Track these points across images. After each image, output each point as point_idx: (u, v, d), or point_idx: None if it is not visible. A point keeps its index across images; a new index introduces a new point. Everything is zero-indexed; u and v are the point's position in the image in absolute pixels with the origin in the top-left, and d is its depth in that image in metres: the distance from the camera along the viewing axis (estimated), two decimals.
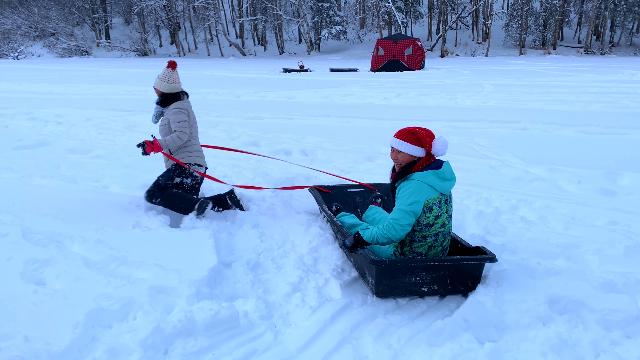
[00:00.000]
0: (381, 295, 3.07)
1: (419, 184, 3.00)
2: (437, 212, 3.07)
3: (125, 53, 47.96)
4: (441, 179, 3.05)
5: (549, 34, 40.29)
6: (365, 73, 23.80)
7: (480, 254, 3.12)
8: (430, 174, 3.02)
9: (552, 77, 18.34)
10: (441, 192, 3.07)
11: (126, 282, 3.07)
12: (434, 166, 3.07)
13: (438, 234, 3.13)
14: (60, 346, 2.42)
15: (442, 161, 3.14)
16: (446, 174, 3.08)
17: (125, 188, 5.10)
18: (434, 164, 3.10)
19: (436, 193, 3.05)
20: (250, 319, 2.82)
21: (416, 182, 3.01)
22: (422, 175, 3.03)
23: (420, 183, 3.01)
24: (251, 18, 46.11)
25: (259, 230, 4.11)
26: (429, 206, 3.04)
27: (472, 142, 7.45)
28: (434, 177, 3.02)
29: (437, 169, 3.04)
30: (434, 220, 3.07)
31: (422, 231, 3.10)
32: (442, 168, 3.06)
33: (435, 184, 3.03)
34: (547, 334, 2.65)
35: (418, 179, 3.02)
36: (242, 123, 9.34)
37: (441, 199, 3.09)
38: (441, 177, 3.05)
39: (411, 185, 3.02)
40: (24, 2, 53.56)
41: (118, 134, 8.50)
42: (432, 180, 3.02)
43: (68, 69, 28.32)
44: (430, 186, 3.02)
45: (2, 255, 3.34)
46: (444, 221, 3.12)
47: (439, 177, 3.04)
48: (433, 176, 3.02)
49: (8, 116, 10.38)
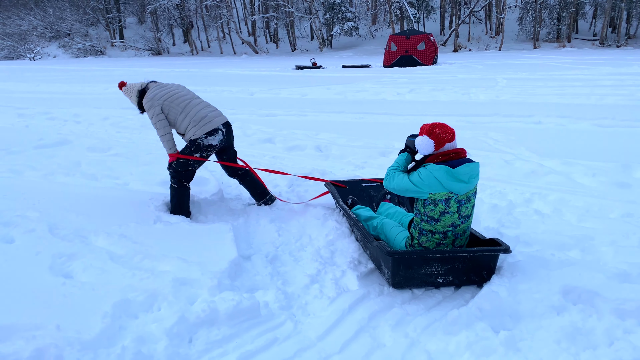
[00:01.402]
0: (397, 286, 3.15)
1: (428, 174, 3.04)
2: (443, 209, 3.09)
3: (139, 52, 48.40)
4: (454, 178, 3.02)
5: (564, 27, 39.80)
6: (378, 69, 23.78)
7: (494, 245, 3.17)
8: (442, 169, 3.02)
9: (567, 70, 18.18)
10: (450, 190, 3.04)
11: (150, 275, 3.18)
12: (451, 164, 3.05)
13: (447, 232, 3.16)
14: (91, 334, 2.53)
15: (464, 161, 3.09)
16: (462, 175, 3.02)
17: (145, 184, 5.22)
18: (451, 162, 3.06)
19: (443, 190, 3.04)
20: (270, 309, 2.92)
21: (427, 172, 3.05)
22: (435, 167, 3.04)
23: (429, 174, 3.04)
24: (263, 15, 46.20)
25: (277, 224, 4.21)
26: (434, 199, 3.07)
27: (486, 136, 7.47)
28: (444, 173, 3.01)
29: (451, 168, 3.01)
30: (439, 216, 3.10)
31: (429, 224, 3.15)
32: (457, 169, 3.01)
33: (444, 181, 3.01)
34: (561, 323, 2.71)
35: (430, 169, 3.05)
36: (256, 120, 9.44)
37: (450, 197, 3.06)
38: (454, 177, 3.02)
39: (423, 172, 3.07)
40: (39, 3, 54.28)
41: (135, 132, 8.65)
42: (442, 175, 3.01)
43: (83, 69, 28.69)
44: (438, 180, 3.01)
45: (30, 250, 3.46)
46: (454, 221, 3.13)
47: (451, 176, 3.01)
48: (444, 172, 3.01)
49: (28, 116, 10.60)
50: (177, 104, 4.19)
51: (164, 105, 4.17)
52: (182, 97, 4.24)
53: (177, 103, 4.19)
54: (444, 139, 3.10)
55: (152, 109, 4.16)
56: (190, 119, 4.18)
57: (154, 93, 4.21)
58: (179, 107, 4.19)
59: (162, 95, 4.20)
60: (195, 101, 4.28)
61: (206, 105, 4.31)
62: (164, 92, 4.23)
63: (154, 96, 4.19)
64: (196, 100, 4.30)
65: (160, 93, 4.21)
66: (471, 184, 3.09)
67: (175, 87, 4.34)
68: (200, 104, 4.29)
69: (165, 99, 4.18)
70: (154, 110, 4.15)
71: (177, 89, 4.32)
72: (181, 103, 4.20)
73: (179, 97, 4.23)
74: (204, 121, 4.18)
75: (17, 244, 3.57)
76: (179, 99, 4.21)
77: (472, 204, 3.19)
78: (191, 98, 4.28)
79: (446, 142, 3.11)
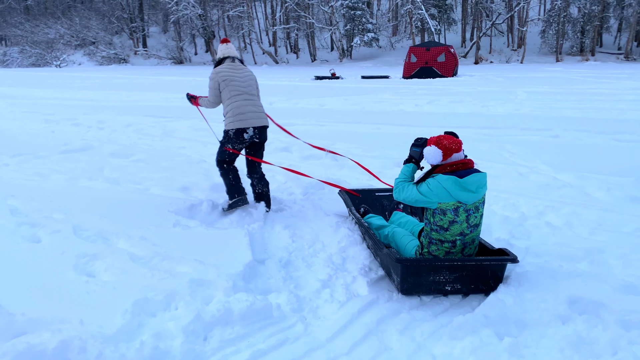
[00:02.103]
0: (406, 293, 3.24)
1: (437, 184, 3.14)
2: (452, 218, 3.17)
3: (161, 61, 49.34)
4: (462, 188, 3.11)
5: (587, 40, 39.47)
6: (397, 80, 23.89)
7: (503, 255, 3.25)
8: (450, 180, 3.11)
9: (589, 84, 18.06)
10: (458, 200, 3.12)
11: (168, 275, 3.32)
12: (459, 174, 3.13)
13: (455, 241, 3.24)
14: (112, 329, 2.67)
15: (473, 171, 3.18)
16: (469, 185, 3.11)
17: (165, 190, 5.39)
18: (459, 172, 3.15)
19: (452, 199, 3.13)
20: (282, 311, 3.03)
21: (435, 182, 3.15)
22: (443, 178, 3.13)
23: (438, 184, 3.14)
24: (284, 26, 46.78)
25: (291, 230, 4.33)
26: (443, 209, 3.16)
27: (502, 149, 7.50)
28: (452, 184, 3.10)
29: (460, 178, 3.10)
30: (449, 225, 3.19)
31: (438, 233, 3.24)
32: (464, 179, 3.10)
33: (453, 191, 3.10)
34: (565, 332, 2.76)
35: (439, 180, 3.15)
36: (274, 129, 9.57)
37: (458, 206, 3.15)
38: (462, 187, 3.11)
39: (432, 182, 3.17)
40: (66, 12, 55.76)
41: (157, 139, 8.88)
42: (450, 186, 3.10)
43: (107, 77, 29.36)
44: (447, 190, 3.11)
45: (56, 250, 3.64)
46: (462, 230, 3.21)
47: (459, 186, 3.10)
48: (452, 183, 3.10)
49: (54, 122, 10.94)
50: (230, 89, 4.53)
51: (221, 83, 4.54)
52: (237, 87, 4.55)
53: (230, 89, 4.53)
54: (451, 149, 3.20)
55: (212, 80, 4.62)
56: (231, 109, 4.52)
57: (221, 69, 4.59)
58: (229, 93, 4.53)
59: (224, 75, 4.56)
60: (245, 96, 4.56)
61: (251, 104, 4.59)
62: (229, 73, 4.57)
63: (219, 72, 4.58)
64: (246, 95, 4.58)
65: (224, 72, 4.56)
66: (479, 193, 3.17)
67: (240, 74, 4.63)
68: (247, 100, 4.57)
69: (224, 79, 4.54)
70: (212, 82, 4.62)
71: (240, 77, 4.61)
72: (233, 90, 4.53)
73: (235, 85, 4.54)
74: (239, 117, 4.50)
75: (44, 244, 3.76)
76: (234, 87, 4.53)
77: (480, 213, 3.27)
78: (243, 92, 4.56)
79: (453, 152, 3.21)
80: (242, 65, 4.79)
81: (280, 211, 4.89)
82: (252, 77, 4.76)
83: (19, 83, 24.53)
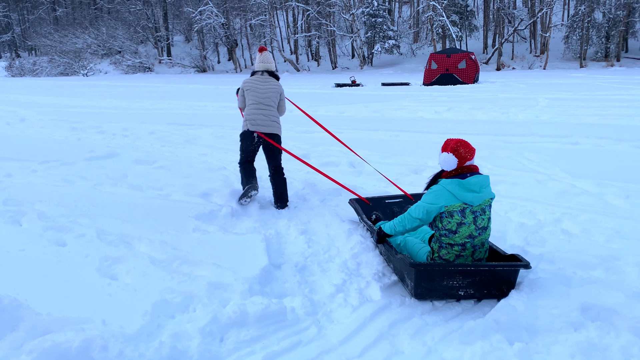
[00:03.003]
0: (420, 297, 3.29)
1: (441, 188, 3.27)
2: (459, 220, 3.27)
3: (185, 69, 50.11)
4: (466, 189, 3.23)
5: (612, 46, 38.81)
6: (418, 87, 23.85)
7: (515, 261, 3.28)
8: (453, 183, 3.24)
9: (613, 90, 17.78)
10: (464, 201, 3.23)
11: (187, 279, 3.43)
12: (461, 176, 3.27)
13: (465, 243, 3.33)
14: (132, 329, 2.79)
15: (474, 173, 3.30)
16: (473, 185, 3.23)
17: (186, 195, 5.52)
18: (462, 174, 3.28)
19: (457, 201, 3.24)
20: (296, 314, 3.11)
21: (439, 187, 3.29)
22: (447, 182, 3.27)
23: (442, 188, 3.27)
24: (305, 34, 47.12)
25: (307, 236, 4.42)
26: (450, 211, 3.26)
27: (520, 156, 7.47)
28: (456, 186, 3.23)
29: (462, 179, 3.24)
30: (457, 228, 3.28)
31: (447, 237, 3.33)
32: (466, 179, 3.24)
33: (457, 192, 3.22)
34: (577, 339, 2.77)
35: (442, 184, 3.28)
36: (293, 137, 9.71)
37: (465, 208, 3.25)
38: (466, 188, 3.23)
39: (435, 188, 3.31)
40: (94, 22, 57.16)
41: (179, 146, 9.07)
42: (454, 189, 3.22)
43: (132, 85, 29.97)
44: (451, 193, 3.23)
45: (80, 253, 3.79)
46: (471, 232, 3.30)
47: (463, 187, 3.23)
48: (456, 185, 3.23)
49: (80, 130, 11.25)
50: (249, 97, 5.28)
51: (246, 92, 5.33)
52: (255, 96, 5.25)
53: (250, 97, 5.28)
54: (466, 158, 3.31)
55: (241, 88, 5.43)
56: (246, 114, 5.29)
57: (249, 80, 5.40)
58: (248, 100, 5.28)
59: (248, 85, 5.33)
60: (259, 105, 5.23)
61: (262, 113, 5.21)
62: (253, 84, 5.32)
63: (246, 82, 5.39)
64: (261, 105, 5.23)
65: (249, 83, 5.35)
66: (483, 193, 3.28)
67: (262, 86, 5.30)
68: (259, 109, 5.21)
69: (248, 88, 5.31)
70: (240, 90, 5.44)
71: (261, 88, 5.29)
72: (250, 99, 5.26)
73: (253, 95, 5.25)
74: (248, 122, 5.21)
75: (69, 247, 3.91)
76: (252, 96, 5.25)
77: (487, 216, 3.36)
78: (259, 102, 5.23)
79: (467, 160, 3.32)
80: (270, 77, 5.39)
81: (297, 217, 4.98)
82: (274, 90, 5.32)
83: (48, 92, 25.22)
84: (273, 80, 5.38)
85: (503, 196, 5.61)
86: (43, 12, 68.80)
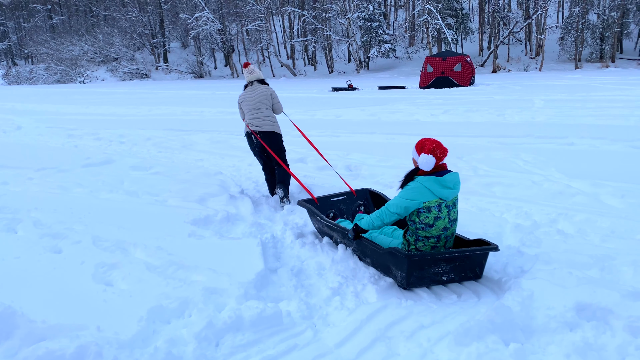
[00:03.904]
0: (411, 286, 3.52)
1: (420, 186, 3.49)
2: (436, 214, 3.52)
3: (182, 75, 50.17)
4: (442, 186, 3.48)
5: (607, 47, 38.96)
6: (414, 90, 23.89)
7: (482, 245, 3.61)
8: (431, 180, 3.47)
9: (608, 91, 17.83)
10: (440, 197, 3.48)
11: (183, 284, 3.43)
12: (437, 174, 3.50)
13: (440, 235, 3.61)
14: (127, 336, 2.78)
15: (448, 171, 3.55)
16: (448, 182, 3.50)
17: (182, 201, 5.52)
18: (438, 172, 3.51)
19: (434, 197, 3.48)
20: (292, 318, 3.10)
21: (418, 184, 3.50)
22: (425, 179, 3.49)
23: (421, 185, 3.48)
24: (302, 39, 47.20)
25: (303, 240, 4.41)
26: (428, 207, 3.50)
27: (516, 157, 7.49)
28: (433, 183, 3.47)
29: (439, 177, 3.48)
30: (434, 221, 3.53)
31: (424, 230, 3.57)
32: (443, 177, 3.48)
33: (434, 189, 3.46)
34: (573, 339, 2.77)
35: (420, 181, 3.50)
36: (290, 140, 9.65)
37: (441, 203, 3.51)
38: (442, 185, 3.48)
39: (414, 185, 3.52)
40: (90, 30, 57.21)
41: (176, 152, 9.07)
42: (432, 185, 3.46)
43: (129, 92, 29.98)
44: (429, 189, 3.46)
45: (76, 259, 3.79)
46: (445, 225, 3.58)
47: (439, 184, 3.47)
48: (433, 182, 3.47)
49: (77, 137, 11.26)
50: (245, 107, 5.98)
51: (241, 104, 6.04)
52: (248, 105, 5.93)
53: (245, 107, 5.98)
54: (441, 158, 3.54)
55: (238, 103, 6.14)
56: (245, 120, 5.93)
57: (241, 94, 6.11)
58: (245, 109, 5.98)
59: (242, 99, 6.05)
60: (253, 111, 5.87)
61: (256, 116, 5.84)
62: (245, 96, 6.02)
63: (240, 96, 6.10)
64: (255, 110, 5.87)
65: (243, 97, 6.05)
66: (456, 189, 3.57)
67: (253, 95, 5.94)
68: (254, 113, 5.85)
69: (242, 101, 6.03)
70: (238, 104, 6.14)
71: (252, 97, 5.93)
72: (246, 108, 5.97)
73: (247, 104, 5.95)
74: (247, 126, 5.86)
75: (65, 254, 3.91)
76: (246, 105, 5.96)
77: (457, 209, 3.68)
78: (253, 108, 5.89)
79: (442, 160, 3.56)
80: (259, 85, 6.02)
81: (293, 221, 4.97)
82: (263, 94, 5.93)
83: (44, 99, 25.22)
84: (261, 86, 6.00)
85: (499, 197, 5.62)
86: (39, 20, 68.89)
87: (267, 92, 5.95)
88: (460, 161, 7.36)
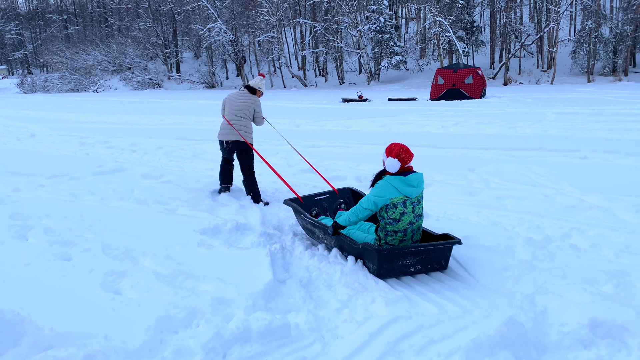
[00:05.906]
0: (382, 277, 3.82)
1: (386, 183, 3.92)
2: (402, 210, 3.94)
3: (194, 85, 50.52)
4: (406, 184, 3.91)
5: (620, 60, 38.71)
6: (424, 102, 23.86)
7: (448, 239, 3.95)
8: (396, 179, 3.92)
9: (621, 104, 17.69)
10: (404, 194, 3.91)
11: (191, 294, 3.41)
12: (403, 174, 3.93)
13: (406, 229, 4.02)
14: (135, 345, 2.76)
15: (413, 172, 3.97)
16: (412, 181, 3.93)
17: (192, 210, 5.52)
18: (404, 173, 3.94)
19: (399, 194, 3.91)
20: (300, 330, 3.07)
21: (385, 182, 3.94)
22: (391, 178, 3.94)
23: (387, 183, 3.92)
24: (313, 50, 47.43)
25: (312, 251, 4.38)
26: (394, 203, 3.93)
27: (528, 170, 7.42)
28: (398, 182, 3.91)
29: (404, 177, 3.91)
30: (400, 217, 3.95)
31: (392, 225, 3.97)
32: (408, 176, 3.92)
33: (399, 187, 3.89)
34: (587, 356, 2.72)
35: (387, 180, 3.94)
36: (300, 151, 9.72)
37: (406, 200, 3.93)
38: (406, 183, 3.91)
39: (381, 183, 3.96)
40: (104, 40, 57.98)
41: (187, 161, 9.10)
42: (397, 184, 3.90)
43: (141, 101, 30.24)
44: (395, 187, 3.89)
45: (85, 267, 3.79)
46: (411, 219, 4.00)
47: (404, 183, 3.91)
48: (398, 181, 3.91)
49: (89, 145, 11.34)
50: (226, 108, 6.32)
51: (225, 103, 6.38)
52: (229, 108, 6.25)
53: (226, 108, 6.32)
54: (406, 162, 3.97)
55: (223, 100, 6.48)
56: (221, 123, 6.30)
57: (229, 94, 6.47)
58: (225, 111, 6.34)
59: (227, 98, 6.41)
60: (230, 116, 6.19)
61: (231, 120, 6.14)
62: (230, 97, 6.38)
63: (227, 95, 6.47)
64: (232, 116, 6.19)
65: (229, 96, 6.42)
66: (419, 188, 3.99)
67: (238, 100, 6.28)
68: (230, 118, 6.16)
69: (224, 103, 6.40)
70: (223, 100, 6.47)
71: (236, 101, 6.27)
72: (226, 110, 6.30)
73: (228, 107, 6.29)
74: (220, 131, 6.29)
75: (74, 262, 3.91)
76: (227, 107, 6.30)
77: (421, 205, 4.08)
78: (231, 113, 6.21)
79: (407, 164, 3.98)
80: (247, 93, 6.34)
81: (303, 232, 4.95)
82: (247, 103, 6.26)
83: (58, 108, 25.51)
84: (249, 95, 6.31)
85: (510, 210, 5.56)
86: (55, 29, 69.96)
87: (251, 105, 6.27)
88: (471, 173, 7.30)
